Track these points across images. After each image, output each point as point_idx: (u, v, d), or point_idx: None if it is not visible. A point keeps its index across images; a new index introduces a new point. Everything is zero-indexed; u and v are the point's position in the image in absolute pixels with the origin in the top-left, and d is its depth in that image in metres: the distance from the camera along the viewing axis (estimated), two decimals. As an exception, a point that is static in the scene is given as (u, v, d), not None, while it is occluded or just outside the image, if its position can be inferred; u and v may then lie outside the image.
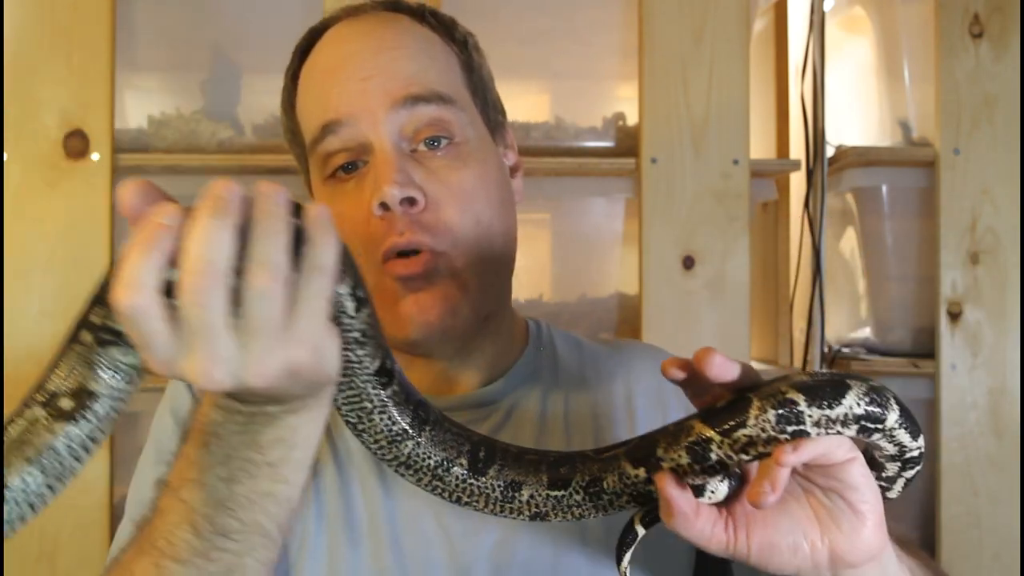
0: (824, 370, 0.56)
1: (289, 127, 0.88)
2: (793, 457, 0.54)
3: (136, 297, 0.46)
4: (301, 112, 0.85)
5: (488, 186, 0.81)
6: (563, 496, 0.61)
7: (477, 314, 0.79)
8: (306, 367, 0.51)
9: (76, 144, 1.44)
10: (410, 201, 0.76)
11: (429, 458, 0.60)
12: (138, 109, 1.54)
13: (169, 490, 0.57)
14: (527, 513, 0.62)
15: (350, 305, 0.54)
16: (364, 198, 0.78)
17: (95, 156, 1.44)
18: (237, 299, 0.47)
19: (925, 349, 1.60)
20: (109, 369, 0.52)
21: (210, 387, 0.48)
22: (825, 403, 0.54)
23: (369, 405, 0.58)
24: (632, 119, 1.56)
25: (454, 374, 0.85)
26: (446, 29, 0.86)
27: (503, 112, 0.90)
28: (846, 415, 0.54)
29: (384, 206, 0.76)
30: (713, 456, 0.57)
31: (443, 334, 0.78)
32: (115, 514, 1.43)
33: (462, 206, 0.78)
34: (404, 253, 0.77)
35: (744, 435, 0.55)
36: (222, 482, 0.55)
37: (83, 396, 0.51)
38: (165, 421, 0.82)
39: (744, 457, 0.56)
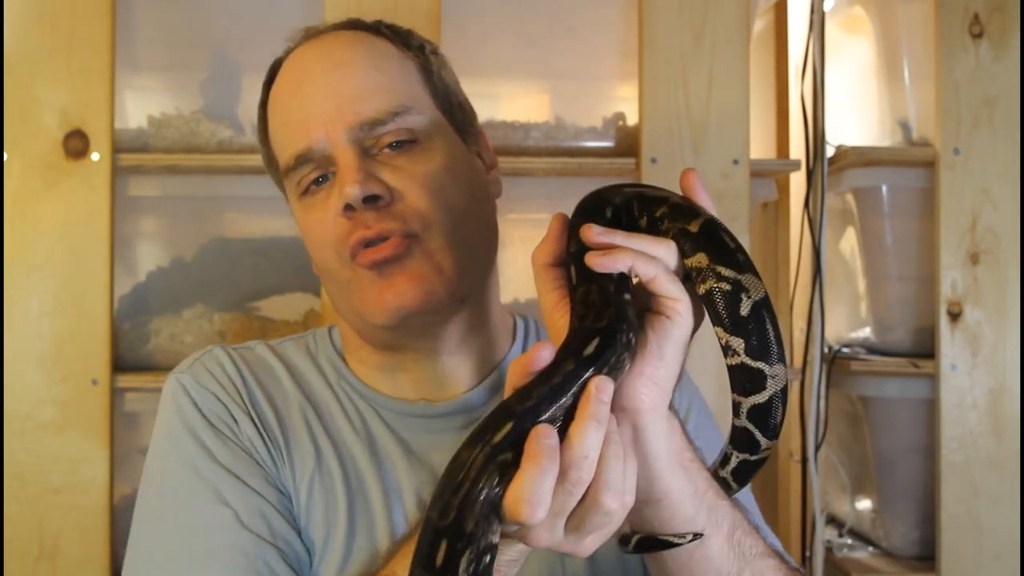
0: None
1: (267, 154, 0.89)
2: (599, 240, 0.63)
3: (540, 513, 0.54)
4: (273, 140, 0.87)
5: (457, 177, 0.82)
6: None
7: (453, 296, 0.80)
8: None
9: (76, 144, 1.44)
10: (374, 198, 0.77)
11: None
12: (138, 109, 1.54)
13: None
14: None
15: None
16: (331, 204, 0.79)
17: (95, 156, 1.44)
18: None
19: (925, 349, 1.60)
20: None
21: (533, 547, 0.59)
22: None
23: None
24: (632, 119, 1.55)
25: (445, 373, 0.86)
26: (402, 38, 0.87)
27: (472, 114, 0.91)
28: None
29: (349, 208, 0.77)
30: None
31: (420, 316, 0.79)
32: (115, 514, 1.43)
33: (431, 193, 0.79)
34: (373, 243, 0.77)
35: None
36: None
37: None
38: (184, 447, 0.79)
39: None
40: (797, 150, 1.73)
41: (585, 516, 0.57)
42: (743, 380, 0.64)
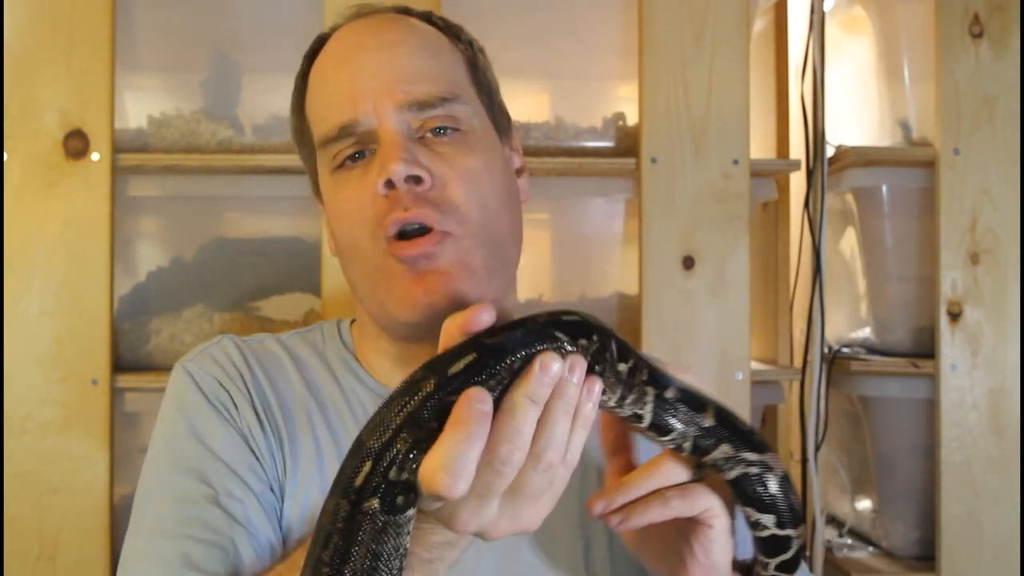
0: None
1: (298, 127, 0.89)
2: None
3: (461, 485, 0.49)
4: (311, 111, 0.86)
5: (493, 174, 0.82)
6: None
7: (481, 298, 0.79)
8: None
9: (76, 144, 1.44)
10: (416, 179, 0.76)
11: None
12: (138, 109, 1.54)
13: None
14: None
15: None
16: (369, 180, 0.78)
17: (95, 156, 1.44)
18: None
19: (925, 349, 1.60)
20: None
21: (458, 532, 0.55)
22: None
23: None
24: (632, 119, 1.56)
25: None
26: (453, 31, 0.88)
27: (508, 117, 0.92)
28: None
29: (389, 184, 0.76)
30: None
31: (446, 316, 0.78)
32: (115, 514, 1.43)
33: (468, 187, 0.79)
34: (409, 234, 0.77)
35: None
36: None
37: None
38: (177, 427, 0.82)
39: None
40: (797, 150, 1.73)
41: (523, 474, 0.53)
42: (771, 547, 0.66)
